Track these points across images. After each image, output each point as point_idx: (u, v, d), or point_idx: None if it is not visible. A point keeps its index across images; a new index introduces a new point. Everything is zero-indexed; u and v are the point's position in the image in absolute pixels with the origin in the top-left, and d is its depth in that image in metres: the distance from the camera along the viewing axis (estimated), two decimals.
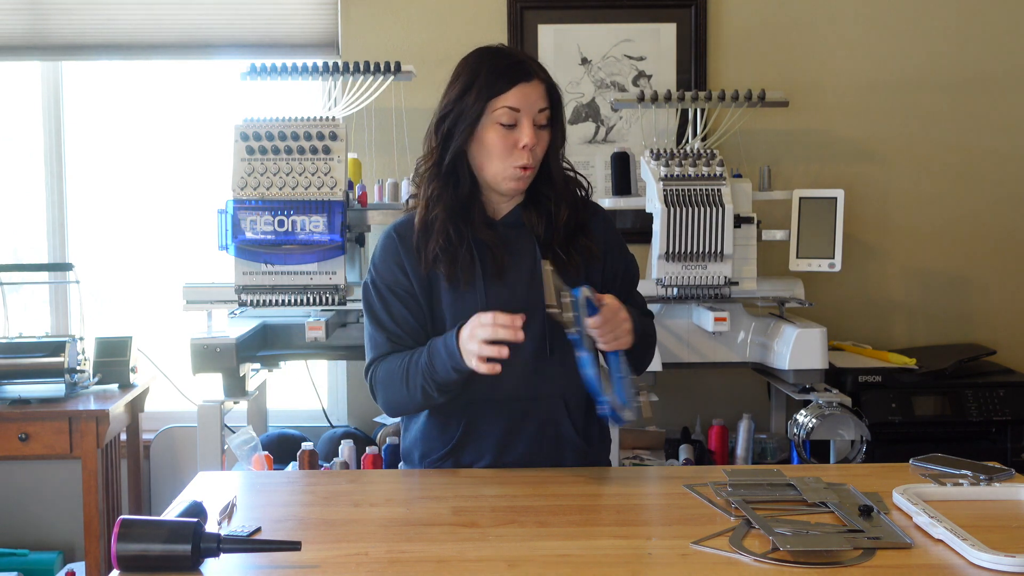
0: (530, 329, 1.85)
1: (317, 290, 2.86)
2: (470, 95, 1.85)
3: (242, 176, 2.85)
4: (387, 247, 1.94)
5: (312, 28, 3.46)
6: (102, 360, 3.24)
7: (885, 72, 3.44)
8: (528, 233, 1.93)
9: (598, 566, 1.41)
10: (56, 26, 3.45)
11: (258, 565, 1.41)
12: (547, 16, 3.41)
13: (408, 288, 1.91)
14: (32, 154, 3.58)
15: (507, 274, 1.90)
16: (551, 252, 1.90)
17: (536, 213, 1.93)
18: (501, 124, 1.85)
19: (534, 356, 1.89)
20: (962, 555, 1.42)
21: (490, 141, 1.86)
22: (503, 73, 1.85)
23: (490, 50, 1.92)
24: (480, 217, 1.91)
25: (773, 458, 3.06)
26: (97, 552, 3.02)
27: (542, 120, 1.87)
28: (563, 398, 1.92)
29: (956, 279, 3.50)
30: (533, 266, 1.91)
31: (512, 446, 1.90)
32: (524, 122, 1.85)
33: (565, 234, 1.92)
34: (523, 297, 1.88)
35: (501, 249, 1.90)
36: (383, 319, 1.92)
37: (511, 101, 1.84)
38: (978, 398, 2.97)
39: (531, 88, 1.85)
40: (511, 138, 1.85)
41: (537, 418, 1.91)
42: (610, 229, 2.02)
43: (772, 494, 1.69)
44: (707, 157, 2.89)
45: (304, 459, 2.83)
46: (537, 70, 1.88)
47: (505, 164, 1.86)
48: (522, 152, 1.85)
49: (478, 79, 1.86)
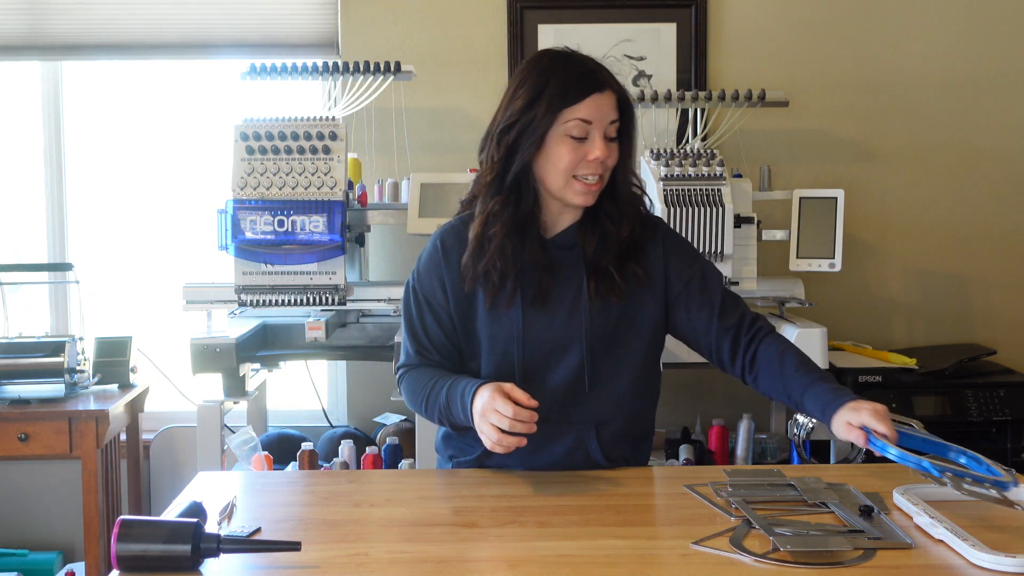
0: (567, 360, 1.82)
1: (317, 290, 2.86)
2: (539, 105, 1.75)
3: (242, 176, 2.85)
4: (432, 257, 1.88)
5: (312, 28, 3.46)
6: (102, 360, 3.24)
7: (885, 72, 3.44)
8: (579, 255, 1.84)
9: (598, 566, 1.41)
10: (56, 26, 3.45)
11: (258, 565, 1.41)
12: (547, 16, 3.40)
13: (444, 305, 1.86)
14: (32, 154, 3.58)
15: (549, 301, 1.82)
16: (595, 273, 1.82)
17: (591, 231, 1.84)
18: (571, 137, 1.75)
19: (567, 385, 1.84)
20: (963, 555, 1.42)
21: (558, 154, 1.76)
22: (575, 83, 1.75)
23: (560, 56, 1.81)
24: (534, 236, 1.82)
25: (773, 458, 3.06)
26: (97, 552, 3.02)
27: (612, 132, 1.78)
28: (595, 425, 1.86)
29: (956, 279, 3.49)
30: (578, 292, 1.83)
31: (539, 465, 1.85)
32: (595, 135, 1.76)
33: (617, 255, 1.83)
34: (562, 326, 1.82)
35: (547, 273, 1.82)
36: (416, 329, 1.88)
37: (583, 113, 1.75)
38: (978, 398, 2.97)
39: (604, 99, 1.76)
40: (581, 151, 1.76)
41: (565, 443, 1.85)
42: (669, 246, 1.90)
43: (772, 494, 1.69)
44: (707, 157, 2.89)
45: (304, 459, 2.83)
46: (609, 79, 1.79)
47: (571, 177, 1.77)
48: (591, 164, 1.76)
49: (548, 88, 1.75)
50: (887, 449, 1.55)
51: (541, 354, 1.83)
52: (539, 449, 1.82)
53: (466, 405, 1.73)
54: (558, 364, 1.84)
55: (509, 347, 1.83)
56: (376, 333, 3.12)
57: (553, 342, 1.83)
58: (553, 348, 1.84)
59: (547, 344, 1.83)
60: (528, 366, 1.83)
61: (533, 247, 1.81)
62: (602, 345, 1.85)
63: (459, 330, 1.87)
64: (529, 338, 1.82)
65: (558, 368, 1.84)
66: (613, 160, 1.80)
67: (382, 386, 3.33)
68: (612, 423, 1.87)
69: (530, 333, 1.82)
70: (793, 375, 1.79)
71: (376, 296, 2.91)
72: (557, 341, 1.83)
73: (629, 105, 1.82)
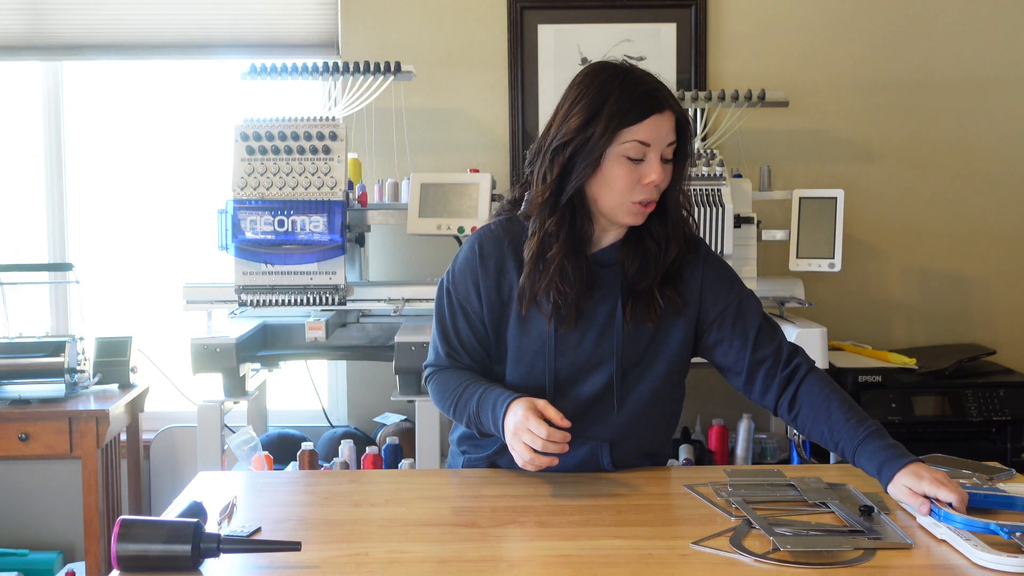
0: (594, 379, 1.80)
1: (317, 290, 2.86)
2: (597, 124, 1.69)
3: (242, 176, 2.85)
4: (469, 260, 1.84)
5: (312, 28, 3.46)
6: (102, 360, 3.24)
7: (885, 72, 3.44)
8: (616, 273, 1.81)
9: (598, 566, 1.41)
10: (56, 26, 3.45)
11: (258, 565, 1.41)
12: (547, 16, 3.40)
13: (477, 311, 1.83)
14: (32, 154, 3.58)
15: (583, 319, 1.79)
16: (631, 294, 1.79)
17: (634, 251, 1.80)
18: (628, 158, 1.70)
19: (592, 404, 1.82)
20: (965, 555, 1.42)
21: (614, 175, 1.71)
22: (636, 103, 1.69)
23: (619, 71, 1.74)
24: (584, 255, 1.79)
25: (773, 458, 3.06)
26: (97, 552, 3.02)
27: (669, 154, 1.73)
28: (611, 441, 1.84)
29: (956, 279, 3.50)
30: (612, 312, 1.80)
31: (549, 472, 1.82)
32: (652, 157, 1.70)
33: (655, 279, 1.79)
34: (592, 344, 1.80)
35: (584, 290, 1.77)
36: (448, 331, 1.86)
37: (642, 135, 1.69)
38: (978, 398, 2.97)
39: (663, 120, 1.71)
40: (636, 173, 1.71)
41: (578, 455, 1.82)
42: (711, 269, 1.85)
43: (772, 494, 1.69)
44: (707, 157, 2.89)
45: (304, 459, 2.83)
46: (669, 98, 1.73)
47: (625, 199, 1.73)
48: (646, 187, 1.71)
49: (607, 106, 1.69)
50: (952, 519, 1.49)
51: (569, 371, 1.81)
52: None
53: (497, 419, 1.71)
54: (584, 382, 1.81)
55: (537, 360, 1.81)
56: (376, 333, 3.12)
57: (582, 360, 1.81)
58: (581, 366, 1.81)
59: (576, 362, 1.81)
60: (556, 382, 1.81)
61: (584, 267, 1.77)
62: (631, 366, 1.82)
63: (491, 336, 1.85)
64: (559, 353, 1.80)
65: (584, 386, 1.81)
66: (667, 183, 1.75)
67: (382, 386, 3.33)
68: (628, 440, 1.85)
69: (560, 349, 1.80)
70: (843, 425, 1.72)
71: (376, 296, 2.91)
72: (586, 359, 1.81)
73: (687, 126, 1.77)
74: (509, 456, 1.80)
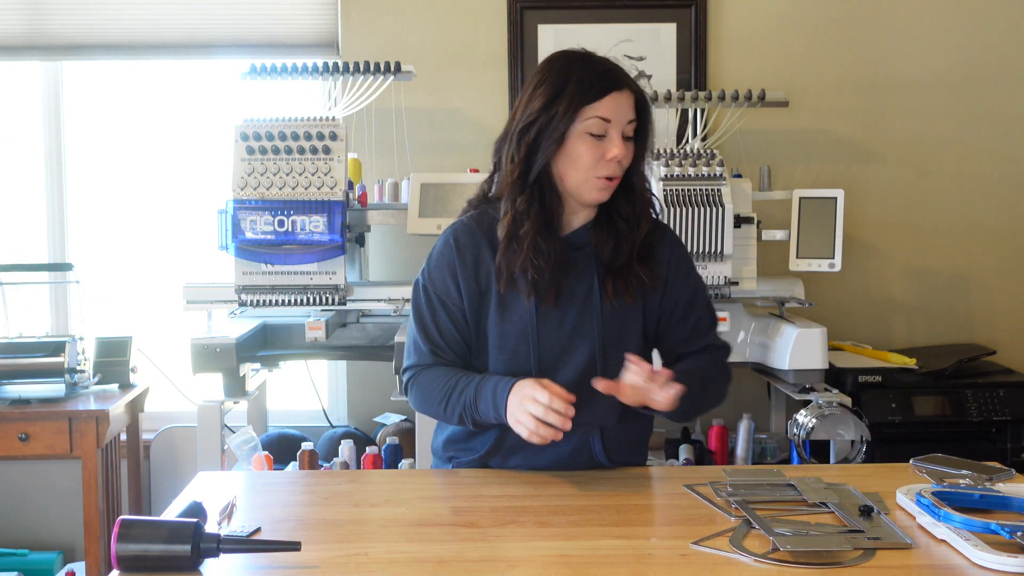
0: (577, 358, 1.83)
1: (317, 290, 2.86)
2: (560, 103, 1.77)
3: (242, 176, 2.85)
4: (444, 255, 1.87)
5: (312, 28, 3.46)
6: (102, 360, 3.24)
7: (885, 72, 3.44)
8: (590, 254, 1.86)
9: (598, 566, 1.41)
10: (56, 26, 3.45)
11: (258, 565, 1.41)
12: (547, 16, 3.40)
13: (458, 303, 1.86)
14: (32, 154, 3.58)
15: (561, 298, 1.83)
16: (609, 273, 1.84)
17: (606, 232, 1.86)
18: (590, 134, 1.77)
19: (576, 385, 1.81)
20: (965, 555, 1.42)
21: (577, 151, 1.78)
22: (595, 81, 1.77)
23: (578, 55, 1.83)
24: (556, 232, 1.84)
25: (773, 458, 3.06)
26: (97, 552, 3.02)
27: (630, 132, 1.81)
28: (599, 427, 1.86)
29: (956, 279, 3.49)
30: (588, 291, 1.84)
31: (541, 465, 1.86)
32: (613, 133, 1.78)
33: (630, 257, 1.85)
34: (572, 324, 1.84)
35: (561, 271, 1.83)
36: (429, 328, 1.87)
37: (603, 111, 1.77)
38: (978, 398, 2.97)
39: (623, 98, 1.78)
40: (599, 149, 1.78)
41: (570, 444, 1.84)
42: (676, 253, 1.93)
43: (772, 494, 1.69)
44: (707, 157, 2.89)
45: (304, 459, 2.83)
46: (627, 79, 1.81)
47: (589, 175, 1.79)
48: (609, 163, 1.78)
49: (568, 86, 1.77)
50: (952, 519, 1.50)
51: (552, 352, 1.84)
52: (543, 449, 1.82)
53: (499, 401, 1.74)
54: (568, 363, 1.84)
55: (520, 345, 1.83)
56: (376, 333, 3.12)
57: (564, 341, 1.84)
58: (564, 347, 1.84)
59: (558, 343, 1.84)
60: (540, 364, 1.83)
61: (557, 245, 1.82)
62: (611, 344, 1.85)
63: (472, 327, 1.87)
64: (542, 336, 1.83)
65: (568, 367, 1.84)
66: (629, 159, 1.82)
67: (382, 386, 3.33)
68: (616, 425, 1.87)
69: (543, 331, 1.83)
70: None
71: (376, 296, 2.91)
72: (568, 340, 1.83)
73: (646, 106, 1.84)
74: (500, 456, 1.84)
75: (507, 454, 1.87)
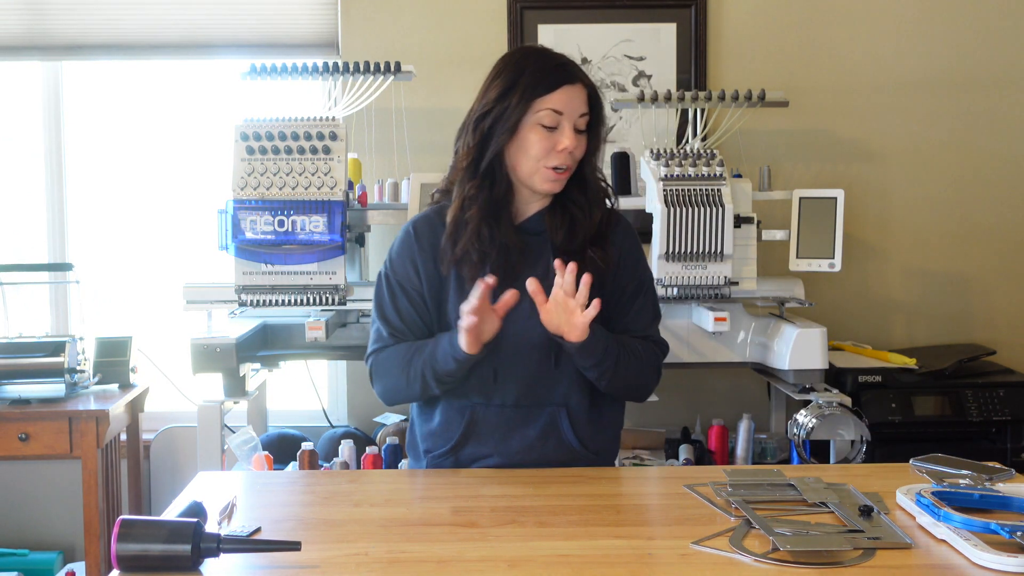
0: (536, 338, 1.87)
1: (317, 290, 2.86)
2: (513, 95, 1.85)
3: (242, 176, 2.85)
4: (404, 242, 1.96)
5: (312, 28, 3.46)
6: (102, 360, 3.24)
7: (885, 72, 3.44)
8: (546, 239, 1.92)
9: (598, 566, 1.41)
10: (56, 26, 3.45)
11: (258, 565, 1.41)
12: (547, 16, 3.40)
13: (417, 287, 1.93)
14: (32, 154, 3.58)
15: (518, 281, 1.86)
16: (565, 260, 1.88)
17: (560, 218, 1.92)
18: (543, 126, 1.84)
19: (538, 364, 1.90)
20: (965, 555, 1.42)
21: (529, 142, 1.85)
22: (548, 74, 1.85)
23: (534, 50, 1.92)
24: (506, 220, 1.91)
25: (773, 458, 3.06)
26: (97, 552, 3.02)
27: (582, 125, 1.87)
28: (566, 407, 1.91)
29: (956, 279, 3.49)
30: (545, 273, 1.88)
31: (512, 450, 1.90)
32: (565, 125, 1.85)
33: (584, 242, 1.91)
34: (531, 305, 1.86)
35: (517, 255, 1.89)
36: (389, 314, 1.95)
37: (555, 103, 1.84)
38: (978, 398, 2.97)
39: (575, 91, 1.85)
40: (551, 140, 1.85)
41: (538, 425, 1.90)
42: (629, 241, 2.00)
43: (772, 494, 1.69)
44: (707, 157, 2.89)
45: (304, 459, 2.83)
46: (580, 73, 1.88)
47: (540, 165, 1.86)
48: (559, 154, 1.85)
49: (522, 79, 1.85)
50: (952, 519, 1.50)
51: (513, 332, 1.88)
52: (512, 432, 1.89)
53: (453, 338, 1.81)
54: (526, 343, 1.89)
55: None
56: None
57: (523, 320, 1.88)
58: (524, 325, 1.88)
59: (518, 322, 1.88)
60: (502, 344, 1.87)
61: (506, 231, 1.89)
62: None
63: (432, 311, 1.93)
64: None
65: (528, 346, 1.89)
66: (581, 151, 1.88)
67: None
68: (581, 405, 1.92)
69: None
70: None
71: None
72: (526, 319, 1.87)
73: (599, 101, 1.90)
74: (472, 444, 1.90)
75: (478, 441, 1.91)
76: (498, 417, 1.90)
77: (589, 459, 1.94)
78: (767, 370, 2.92)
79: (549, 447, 1.91)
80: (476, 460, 1.92)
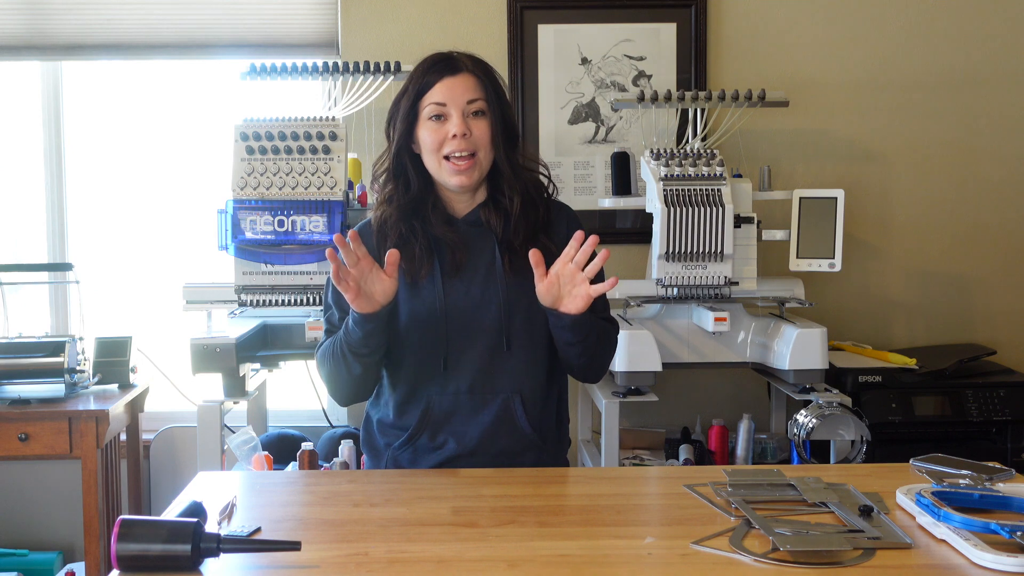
0: (486, 324, 1.93)
1: (317, 290, 2.86)
2: (406, 97, 1.95)
3: (242, 176, 2.85)
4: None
5: (312, 28, 3.46)
6: (102, 360, 3.24)
7: (885, 72, 3.44)
8: (488, 232, 1.98)
9: (598, 566, 1.41)
10: (56, 26, 3.45)
11: (258, 565, 1.41)
12: (547, 16, 3.40)
13: None
14: (32, 154, 3.58)
15: (464, 271, 1.94)
16: (508, 251, 1.95)
17: (495, 212, 1.98)
18: (431, 119, 1.92)
19: (490, 351, 1.94)
20: (965, 555, 1.42)
21: (424, 137, 1.93)
22: (428, 70, 1.94)
23: (431, 55, 1.99)
24: (439, 216, 1.97)
25: (773, 458, 3.06)
26: (97, 552, 3.02)
27: (473, 110, 1.92)
28: (519, 393, 1.95)
29: (956, 279, 3.49)
30: (490, 263, 1.95)
31: (469, 437, 1.94)
32: (452, 113, 1.91)
33: (524, 233, 1.95)
34: (479, 293, 1.94)
35: (459, 247, 1.95)
36: (333, 314, 2.01)
37: (436, 96, 1.92)
38: (978, 398, 2.97)
39: (457, 81, 1.92)
40: (441, 131, 1.91)
41: (492, 410, 1.94)
42: (574, 228, 1.98)
43: (772, 494, 1.69)
44: (707, 157, 2.89)
45: (304, 459, 2.83)
46: (467, 63, 1.94)
47: (439, 157, 1.92)
48: (451, 142, 1.90)
49: (411, 81, 1.95)
50: (951, 518, 1.50)
51: (463, 320, 1.93)
52: (469, 419, 1.94)
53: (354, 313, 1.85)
54: (479, 329, 1.94)
55: (431, 318, 1.93)
56: None
57: (472, 308, 1.93)
58: (473, 314, 1.93)
59: (467, 310, 1.93)
60: (452, 333, 1.92)
61: (439, 226, 1.95)
62: (518, 311, 1.94)
63: None
64: (451, 306, 1.93)
65: (479, 333, 1.93)
66: (481, 135, 1.92)
67: None
68: (533, 390, 1.96)
69: (451, 301, 1.93)
70: None
71: None
72: (476, 306, 1.93)
73: (494, 87, 1.95)
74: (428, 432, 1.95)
75: (435, 429, 1.95)
76: (453, 404, 1.95)
77: (543, 448, 1.98)
78: (767, 370, 2.93)
79: (504, 432, 1.95)
80: (434, 449, 1.96)
